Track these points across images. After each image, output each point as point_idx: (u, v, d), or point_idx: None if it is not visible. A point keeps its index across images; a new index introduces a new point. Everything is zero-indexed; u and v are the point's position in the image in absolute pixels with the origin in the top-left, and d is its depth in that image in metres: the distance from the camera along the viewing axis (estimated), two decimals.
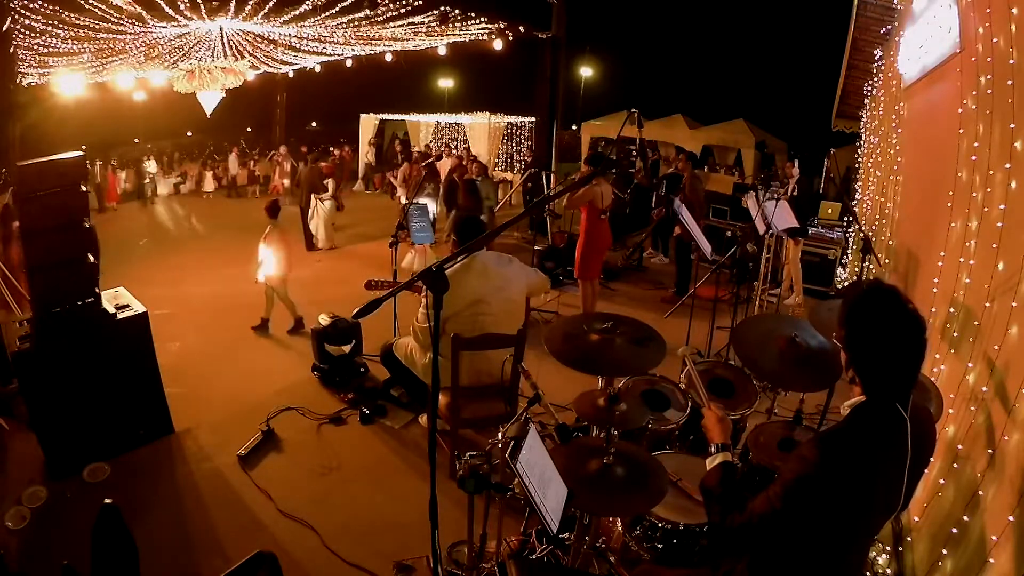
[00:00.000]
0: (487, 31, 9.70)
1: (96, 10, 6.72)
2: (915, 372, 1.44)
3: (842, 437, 1.45)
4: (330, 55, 11.56)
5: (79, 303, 3.50)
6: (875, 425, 1.43)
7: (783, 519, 1.43)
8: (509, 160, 15.59)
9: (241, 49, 10.03)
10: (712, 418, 1.88)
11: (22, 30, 7.03)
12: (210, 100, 10.18)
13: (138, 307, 3.85)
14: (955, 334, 2.66)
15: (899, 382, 1.43)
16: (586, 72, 25.25)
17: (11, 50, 7.22)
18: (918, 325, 1.40)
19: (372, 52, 11.40)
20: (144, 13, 6.99)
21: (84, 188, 3.54)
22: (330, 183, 9.47)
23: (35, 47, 7.82)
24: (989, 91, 2.63)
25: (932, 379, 2.52)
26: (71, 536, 2.86)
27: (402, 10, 7.97)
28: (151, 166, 16.53)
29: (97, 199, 14.34)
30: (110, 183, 14.95)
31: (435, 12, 8.30)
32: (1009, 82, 2.34)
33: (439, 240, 7.28)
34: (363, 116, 17.50)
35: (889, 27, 6.48)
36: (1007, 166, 2.31)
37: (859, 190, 7.86)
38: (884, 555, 2.63)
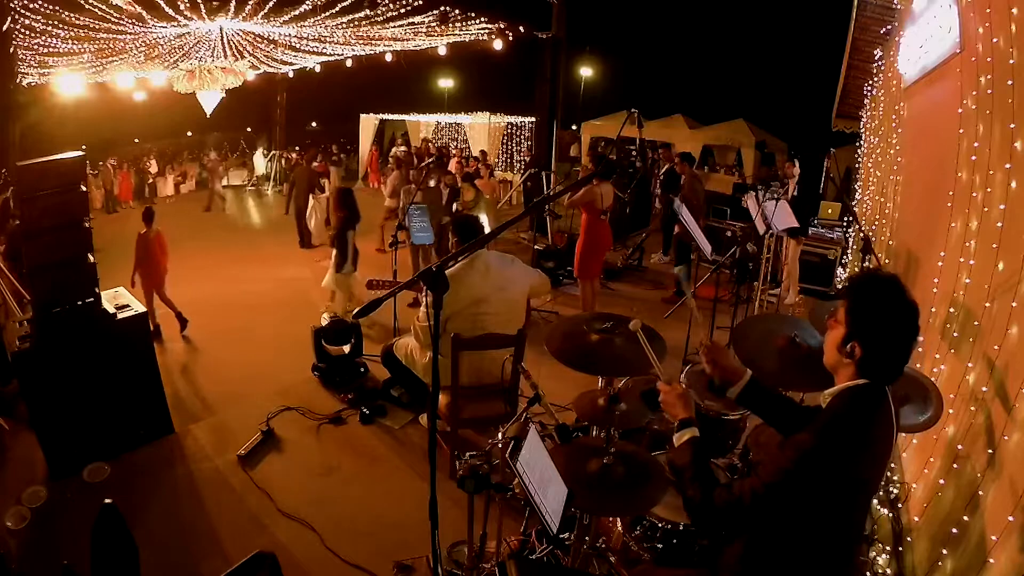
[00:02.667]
0: (487, 31, 9.70)
1: (96, 10, 6.73)
2: (909, 356, 1.52)
3: (840, 419, 1.48)
4: (330, 55, 11.57)
5: (79, 303, 3.50)
6: (873, 405, 1.49)
7: (778, 500, 1.46)
8: (509, 160, 15.60)
9: (241, 49, 10.03)
10: (673, 394, 1.82)
11: (22, 30, 7.03)
12: (210, 100, 10.20)
13: (138, 307, 3.85)
14: (955, 334, 2.66)
15: (898, 364, 1.51)
16: (586, 72, 25.28)
17: (11, 50, 7.23)
18: (916, 311, 1.49)
19: (372, 52, 11.40)
20: (144, 13, 6.99)
21: (84, 188, 3.54)
22: (326, 182, 9.55)
23: (35, 47, 7.82)
24: (989, 91, 2.63)
25: (932, 379, 2.52)
26: (71, 536, 2.86)
27: (402, 10, 7.97)
28: (152, 167, 16.54)
29: (106, 199, 14.35)
30: (123, 182, 14.97)
31: (435, 12, 8.30)
32: (1009, 82, 2.34)
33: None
34: (363, 116, 17.50)
35: (889, 27, 6.48)
36: (1007, 166, 2.31)
37: (859, 190, 7.86)
38: (884, 555, 2.63)
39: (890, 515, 2.85)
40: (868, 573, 2.60)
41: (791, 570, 1.56)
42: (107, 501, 2.31)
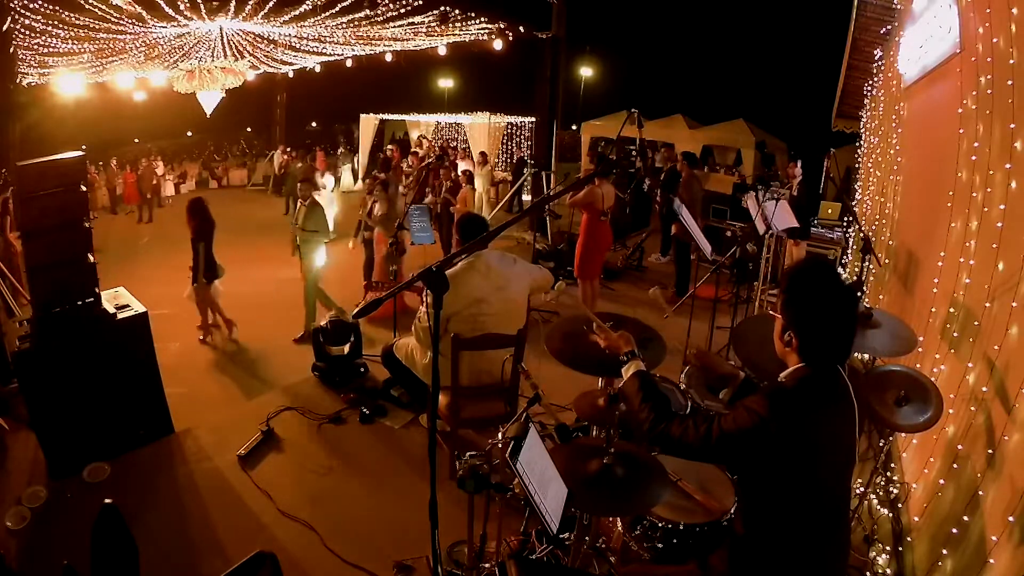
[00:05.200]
0: (487, 31, 9.69)
1: (96, 10, 6.72)
2: (851, 338, 1.56)
3: (791, 399, 1.53)
4: (330, 55, 11.56)
5: (79, 303, 3.50)
6: (818, 387, 1.53)
7: (722, 453, 1.57)
8: (509, 160, 15.61)
9: (241, 49, 10.03)
10: (614, 337, 1.97)
11: (22, 30, 7.03)
12: (210, 100, 10.19)
13: (138, 307, 3.85)
14: (955, 334, 2.66)
15: (837, 347, 1.55)
16: (586, 72, 25.31)
17: (11, 50, 7.22)
18: (852, 296, 1.55)
19: (372, 52, 11.39)
20: (144, 13, 6.98)
21: (84, 188, 3.54)
22: (330, 179, 9.58)
23: (35, 47, 7.81)
24: (989, 91, 2.63)
25: (932, 379, 2.52)
26: (71, 536, 2.86)
27: (402, 10, 7.96)
28: (159, 168, 16.46)
29: (111, 200, 14.24)
30: (128, 183, 14.88)
31: (435, 12, 8.30)
32: (1009, 82, 2.34)
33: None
34: (363, 116, 17.49)
35: (889, 27, 6.47)
36: (1007, 166, 2.31)
37: (859, 190, 7.86)
38: (884, 555, 2.63)
39: (890, 515, 2.85)
40: (868, 573, 2.60)
41: (776, 555, 1.59)
42: (107, 501, 2.31)
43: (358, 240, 6.68)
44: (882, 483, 3.08)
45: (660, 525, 2.14)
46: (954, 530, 2.12)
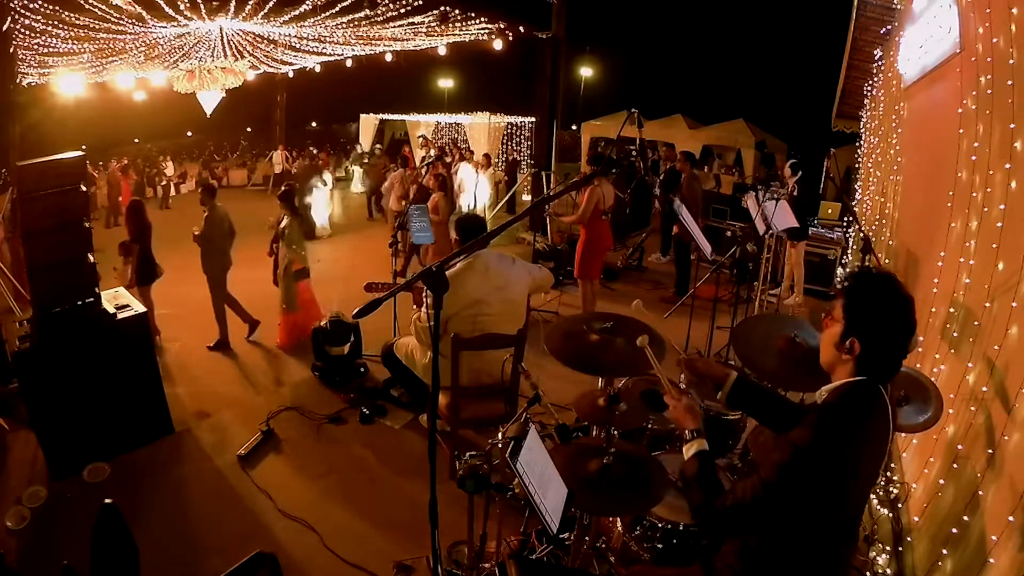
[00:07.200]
0: (487, 31, 9.69)
1: (96, 10, 6.72)
2: (907, 350, 1.51)
3: (839, 419, 1.48)
4: (330, 55, 11.56)
5: (79, 303, 3.50)
6: (868, 401, 1.49)
7: (777, 497, 1.45)
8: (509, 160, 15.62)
9: (241, 49, 10.03)
10: (680, 407, 1.81)
11: (22, 30, 7.03)
12: (210, 100, 10.20)
13: (138, 307, 3.86)
14: (955, 334, 2.66)
15: (897, 360, 1.51)
16: (586, 72, 25.33)
17: (11, 50, 7.22)
18: (912, 305, 1.49)
19: (372, 52, 11.39)
20: (144, 13, 6.98)
21: (84, 188, 3.54)
22: (329, 176, 9.70)
23: (35, 47, 7.82)
24: (989, 91, 2.63)
25: (932, 379, 2.52)
26: (71, 536, 2.86)
27: (402, 10, 7.96)
28: (168, 169, 16.36)
29: (109, 206, 14.04)
30: (123, 186, 14.75)
31: (435, 12, 8.29)
32: (1009, 82, 2.34)
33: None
34: (363, 116, 17.50)
35: (889, 27, 6.48)
36: (1007, 166, 2.31)
37: (859, 190, 7.87)
38: (884, 555, 2.63)
39: (890, 515, 2.85)
40: (868, 573, 2.60)
41: (788, 564, 1.56)
42: (107, 501, 2.31)
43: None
44: (882, 483, 3.08)
45: (660, 525, 2.14)
46: (954, 530, 2.12)
